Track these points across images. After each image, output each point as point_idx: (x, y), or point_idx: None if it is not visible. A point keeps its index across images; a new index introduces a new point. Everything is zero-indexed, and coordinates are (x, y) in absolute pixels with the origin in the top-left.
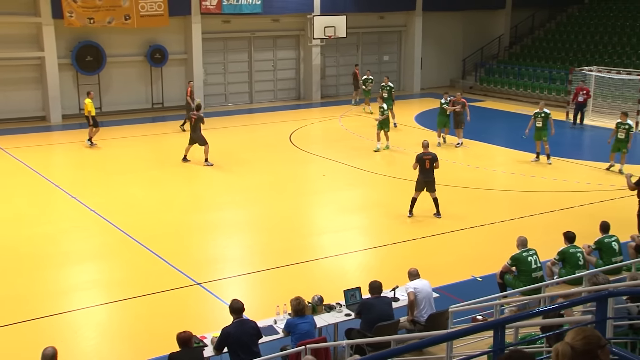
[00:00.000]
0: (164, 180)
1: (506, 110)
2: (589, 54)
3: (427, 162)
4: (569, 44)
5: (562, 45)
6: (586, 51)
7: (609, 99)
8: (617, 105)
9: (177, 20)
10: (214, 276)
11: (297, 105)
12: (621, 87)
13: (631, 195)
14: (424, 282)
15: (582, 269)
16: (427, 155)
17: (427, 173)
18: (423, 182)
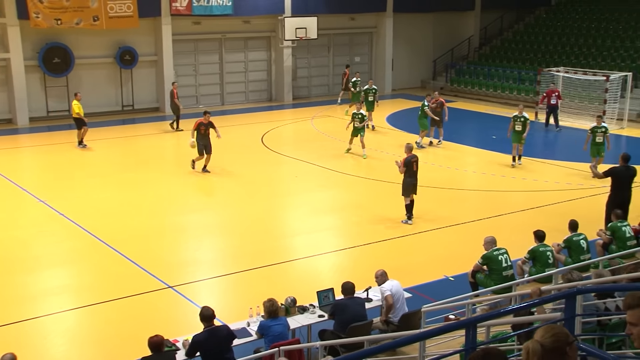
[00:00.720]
0: (135, 184)
1: (477, 111)
2: (556, 55)
3: (414, 165)
4: (537, 45)
5: (531, 47)
6: (553, 52)
7: (576, 100)
8: (584, 106)
9: (147, 21)
10: (185, 279)
11: (269, 106)
12: (587, 88)
13: (599, 193)
14: (394, 282)
15: (551, 267)
16: (414, 158)
17: (415, 175)
18: (412, 185)
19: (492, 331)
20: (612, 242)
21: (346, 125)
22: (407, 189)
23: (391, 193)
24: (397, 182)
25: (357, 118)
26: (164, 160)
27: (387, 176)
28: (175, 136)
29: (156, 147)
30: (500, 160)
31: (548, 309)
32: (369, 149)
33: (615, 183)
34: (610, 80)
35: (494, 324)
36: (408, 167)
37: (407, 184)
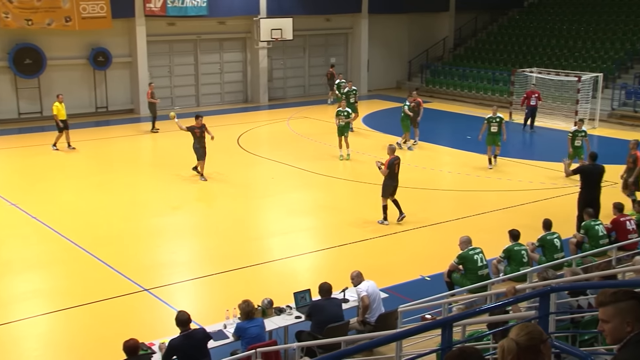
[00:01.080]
0: (109, 186)
1: (452, 111)
2: (529, 55)
3: (396, 167)
4: (511, 46)
5: (504, 47)
6: (527, 53)
7: (549, 100)
8: (557, 106)
9: (121, 22)
10: (161, 282)
11: (245, 108)
12: (560, 88)
13: (572, 192)
14: (370, 283)
15: (526, 266)
16: (397, 160)
17: (396, 178)
18: (393, 186)
19: (467, 330)
20: (585, 241)
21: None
22: (387, 191)
23: (368, 194)
24: (374, 183)
25: (342, 115)
26: (139, 162)
27: (364, 177)
28: (151, 137)
29: (131, 149)
30: (475, 161)
31: (523, 308)
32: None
33: (584, 181)
34: (582, 81)
35: (469, 323)
36: (390, 169)
37: (387, 186)
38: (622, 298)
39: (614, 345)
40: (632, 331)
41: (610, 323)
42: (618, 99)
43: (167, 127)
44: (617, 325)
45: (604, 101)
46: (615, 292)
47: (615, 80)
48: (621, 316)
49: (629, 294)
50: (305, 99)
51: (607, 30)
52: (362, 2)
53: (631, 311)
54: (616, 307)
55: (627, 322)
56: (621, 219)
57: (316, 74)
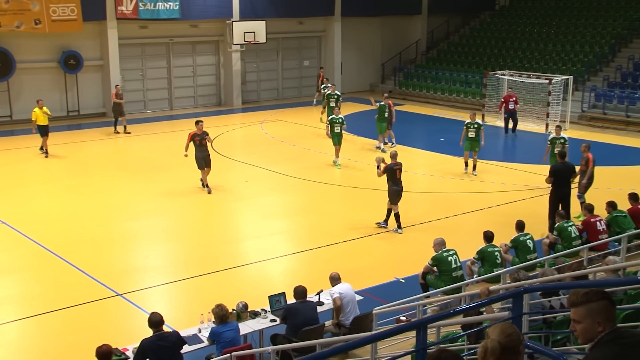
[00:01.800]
0: (81, 190)
1: (425, 114)
2: (501, 58)
3: (397, 172)
4: (483, 49)
5: (476, 50)
6: (498, 56)
7: (521, 102)
8: (529, 108)
9: (92, 25)
10: (135, 286)
11: (218, 111)
12: (532, 91)
13: (544, 194)
14: (346, 285)
15: (499, 267)
16: (398, 166)
17: (399, 183)
18: (396, 191)
19: (442, 331)
20: (558, 242)
21: (326, 132)
22: (393, 197)
23: (342, 196)
24: (349, 186)
25: (338, 122)
26: (111, 166)
27: (339, 180)
28: (124, 141)
29: (103, 152)
30: (450, 163)
31: (496, 309)
32: (319, 153)
33: (556, 180)
34: (552, 84)
35: (444, 324)
36: (392, 175)
37: (392, 192)
38: (593, 299)
39: (586, 345)
40: (603, 331)
41: (581, 323)
42: (588, 101)
43: (136, 130)
44: (589, 326)
45: (574, 103)
46: (587, 293)
47: (585, 83)
48: (592, 317)
49: (600, 294)
50: (279, 102)
51: (577, 33)
52: (335, 5)
53: (602, 311)
54: (587, 308)
55: (598, 322)
56: (592, 220)
57: (289, 77)
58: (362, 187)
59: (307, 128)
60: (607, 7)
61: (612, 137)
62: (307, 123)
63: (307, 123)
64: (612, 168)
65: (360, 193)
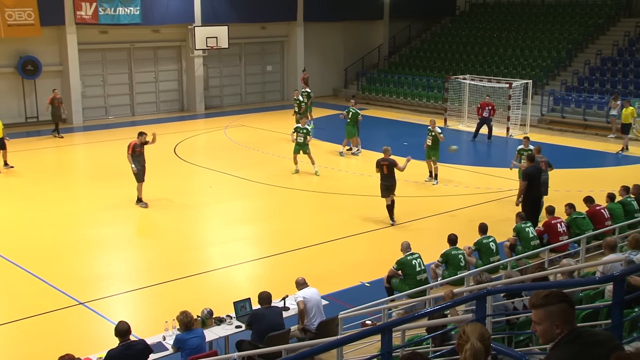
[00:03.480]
0: (40, 198)
1: (388, 118)
2: (462, 62)
3: (384, 168)
4: (444, 54)
5: (438, 55)
6: (459, 60)
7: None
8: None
9: (50, 30)
10: (98, 294)
11: (181, 116)
12: (492, 95)
13: (506, 196)
14: (312, 290)
15: (463, 270)
16: (384, 161)
17: (387, 178)
18: (385, 186)
19: (407, 335)
20: (518, 244)
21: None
22: (382, 191)
23: (307, 201)
24: (313, 191)
25: (302, 133)
26: (72, 173)
27: (303, 185)
28: (87, 148)
29: (63, 160)
30: (413, 166)
31: (460, 311)
32: (284, 158)
33: (529, 183)
34: (512, 88)
35: (409, 327)
36: (379, 169)
37: (381, 187)
38: (552, 301)
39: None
40: (561, 333)
41: (541, 325)
42: (547, 104)
43: (97, 137)
44: (548, 327)
45: (533, 107)
46: (547, 295)
47: (544, 87)
48: (551, 319)
49: (559, 297)
50: (242, 107)
51: (535, 38)
52: (297, 10)
53: (561, 314)
54: (547, 310)
55: (556, 324)
56: (552, 222)
57: (253, 82)
58: (327, 191)
59: (271, 133)
60: (564, 13)
61: (571, 140)
62: (271, 128)
63: (271, 128)
64: (571, 170)
65: (326, 198)
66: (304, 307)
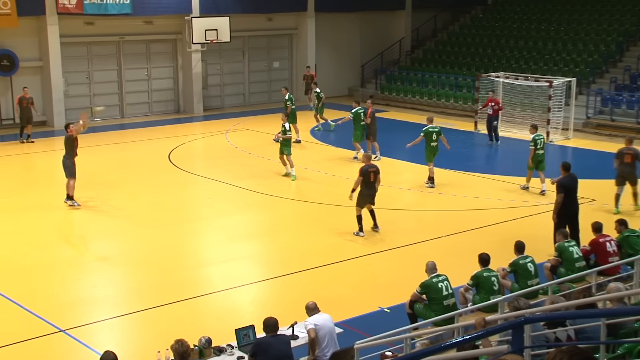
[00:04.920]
0: (15, 210)
1: (410, 121)
2: (495, 58)
3: (371, 175)
4: (475, 48)
5: (467, 50)
6: (492, 56)
7: (519, 108)
8: (527, 114)
9: (29, 20)
10: (81, 321)
11: (177, 119)
12: (530, 95)
13: (546, 210)
14: (325, 316)
15: (497, 294)
16: (373, 168)
17: (372, 186)
18: (367, 196)
19: None
20: (560, 265)
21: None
22: (362, 200)
23: (317, 215)
24: (323, 203)
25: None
26: (51, 182)
27: (312, 196)
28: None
29: (43, 166)
30: (439, 176)
31: (494, 341)
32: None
33: (565, 195)
34: (553, 87)
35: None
36: (365, 177)
37: (362, 195)
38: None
39: None
40: None
41: None
42: (593, 106)
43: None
44: None
45: (577, 109)
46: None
47: (590, 86)
48: None
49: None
50: (246, 108)
51: (580, 30)
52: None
53: None
54: None
55: None
56: (601, 240)
57: (257, 81)
58: (339, 204)
59: None
60: (614, 1)
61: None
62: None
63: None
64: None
65: (339, 211)
66: (316, 335)
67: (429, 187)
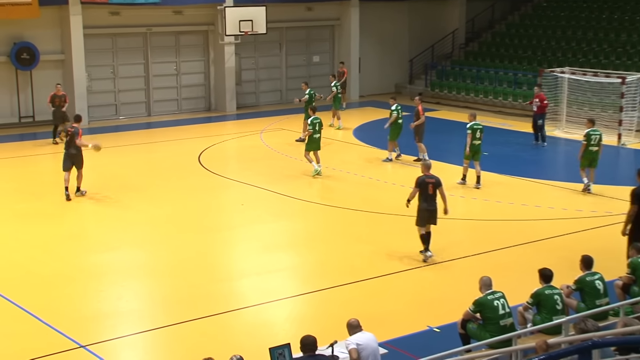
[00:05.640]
0: (36, 216)
1: (463, 122)
2: (559, 51)
3: (430, 187)
4: (537, 40)
5: (529, 42)
6: (556, 49)
7: (586, 107)
8: (596, 114)
9: (51, 10)
10: (103, 336)
11: (208, 118)
12: (599, 92)
13: (617, 222)
14: (368, 335)
15: (560, 315)
16: (431, 179)
17: (432, 201)
18: (428, 211)
19: None
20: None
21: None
22: (422, 217)
23: (359, 223)
24: (367, 210)
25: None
26: (73, 185)
27: (355, 203)
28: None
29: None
30: (495, 182)
31: None
32: (332, 170)
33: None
34: (627, 83)
35: None
36: (422, 190)
37: (422, 211)
38: None
39: None
40: None
41: None
42: None
43: (105, 142)
44: None
45: None
46: None
47: None
48: None
49: None
50: (282, 106)
51: None
52: None
53: None
54: None
55: None
56: None
57: (295, 76)
58: (383, 211)
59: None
60: None
61: None
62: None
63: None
64: None
65: (384, 219)
66: (358, 356)
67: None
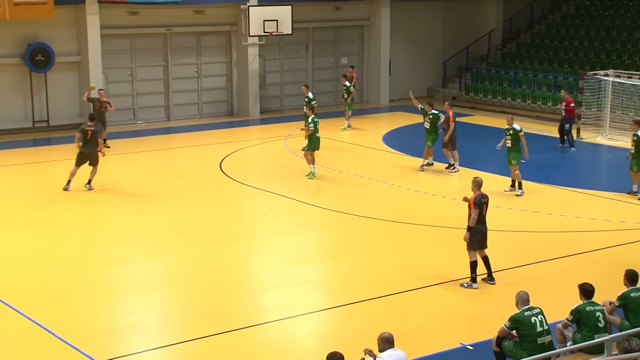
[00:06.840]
0: (51, 224)
1: (499, 127)
2: (603, 53)
3: (485, 207)
4: (578, 42)
5: (570, 44)
6: (599, 50)
7: (631, 112)
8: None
9: (67, 10)
10: (119, 351)
11: (230, 122)
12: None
13: None
14: (399, 352)
15: (602, 333)
16: (485, 198)
17: (484, 222)
18: (479, 234)
19: None
20: None
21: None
22: (474, 240)
23: (389, 234)
24: (397, 221)
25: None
26: (87, 193)
27: (386, 213)
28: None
29: (78, 175)
30: (533, 191)
31: None
32: (360, 179)
33: None
34: None
35: None
36: (479, 210)
37: (475, 233)
38: None
39: None
40: None
41: None
42: None
43: (123, 147)
44: None
45: None
46: None
47: None
48: None
49: None
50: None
51: None
52: None
53: None
54: None
55: None
56: None
57: (322, 79)
58: (415, 222)
59: (344, 145)
60: None
61: None
62: (346, 139)
63: (346, 139)
64: None
65: (414, 230)
66: None
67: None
